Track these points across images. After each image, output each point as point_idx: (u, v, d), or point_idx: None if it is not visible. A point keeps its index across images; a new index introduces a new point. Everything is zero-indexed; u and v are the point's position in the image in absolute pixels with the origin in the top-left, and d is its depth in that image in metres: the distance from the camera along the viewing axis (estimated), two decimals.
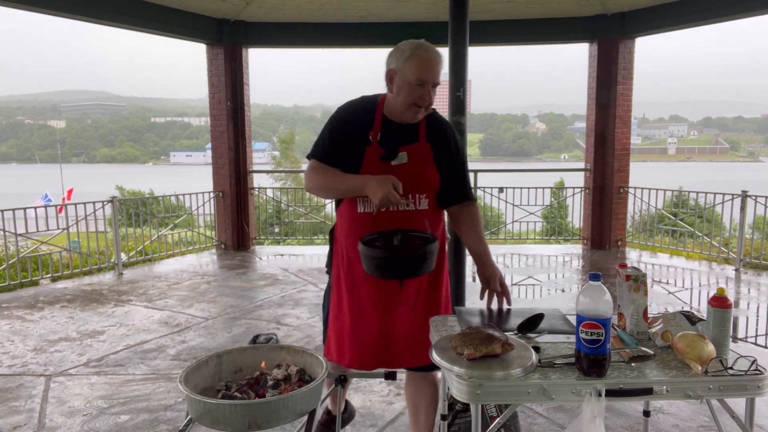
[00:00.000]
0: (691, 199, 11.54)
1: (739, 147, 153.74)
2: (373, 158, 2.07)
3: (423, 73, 1.99)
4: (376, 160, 2.07)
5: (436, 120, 2.19)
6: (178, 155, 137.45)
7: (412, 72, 1.99)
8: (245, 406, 1.39)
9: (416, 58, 2.00)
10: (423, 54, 2.00)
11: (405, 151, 2.09)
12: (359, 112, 2.14)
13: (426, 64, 1.99)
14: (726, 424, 1.89)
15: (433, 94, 2.07)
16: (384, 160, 2.07)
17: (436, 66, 2.02)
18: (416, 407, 2.35)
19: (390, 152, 2.08)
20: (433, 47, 2.05)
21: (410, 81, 2.00)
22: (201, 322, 4.74)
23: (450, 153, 2.19)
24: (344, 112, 2.17)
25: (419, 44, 2.04)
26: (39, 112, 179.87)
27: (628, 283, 1.76)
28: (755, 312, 5.07)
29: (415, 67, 1.99)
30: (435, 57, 2.02)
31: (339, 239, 2.21)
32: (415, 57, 2.00)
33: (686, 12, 6.86)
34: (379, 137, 2.08)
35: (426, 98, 2.03)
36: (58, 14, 6.11)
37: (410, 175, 2.07)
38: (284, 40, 8.07)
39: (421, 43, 2.04)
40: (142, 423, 3.00)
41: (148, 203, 8.17)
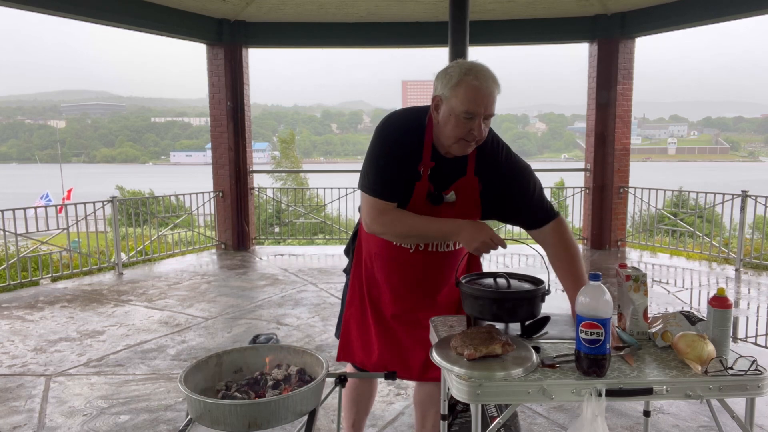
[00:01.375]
0: (691, 199, 11.54)
1: (739, 147, 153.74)
2: (420, 196, 1.85)
3: (472, 104, 1.71)
4: (423, 198, 1.85)
5: (489, 146, 1.91)
6: (178, 155, 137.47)
7: (460, 102, 1.72)
8: (245, 406, 1.39)
9: (464, 87, 1.72)
10: (473, 82, 1.71)
11: (453, 191, 1.87)
12: (408, 136, 1.85)
13: (476, 93, 1.71)
14: (726, 424, 1.89)
15: (485, 128, 1.78)
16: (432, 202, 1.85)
17: (489, 96, 1.73)
18: (424, 413, 2.32)
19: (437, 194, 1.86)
20: (487, 71, 1.75)
21: (457, 113, 1.73)
22: (201, 322, 4.74)
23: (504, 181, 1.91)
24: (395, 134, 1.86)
25: (470, 68, 1.74)
26: (39, 112, 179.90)
27: (628, 283, 1.76)
28: (755, 312, 5.07)
29: (463, 96, 1.72)
30: (488, 86, 1.73)
31: (365, 254, 2.07)
32: (463, 85, 1.72)
33: (686, 12, 6.86)
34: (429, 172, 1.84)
35: (476, 133, 1.76)
36: (58, 14, 6.11)
37: (457, 214, 1.89)
38: (284, 40, 8.07)
39: (473, 67, 1.75)
40: (142, 423, 3.00)
41: (148, 203, 8.17)
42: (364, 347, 2.12)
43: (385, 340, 2.08)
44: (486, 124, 1.79)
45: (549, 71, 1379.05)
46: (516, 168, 1.94)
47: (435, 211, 1.88)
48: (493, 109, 1.76)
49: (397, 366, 2.04)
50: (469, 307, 1.81)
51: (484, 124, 1.76)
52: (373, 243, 2.02)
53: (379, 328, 2.08)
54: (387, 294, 2.04)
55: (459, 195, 1.89)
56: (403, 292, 2.02)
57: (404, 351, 2.06)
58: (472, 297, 1.79)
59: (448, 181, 1.88)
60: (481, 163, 1.90)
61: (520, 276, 1.87)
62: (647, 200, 7.84)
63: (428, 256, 1.95)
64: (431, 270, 1.99)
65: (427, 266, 1.96)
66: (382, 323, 2.07)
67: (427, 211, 1.86)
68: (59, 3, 5.96)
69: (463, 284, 1.82)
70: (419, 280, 2.01)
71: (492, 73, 1.76)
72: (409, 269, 1.97)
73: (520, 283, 1.83)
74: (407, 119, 1.89)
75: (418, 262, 1.95)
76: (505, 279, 1.81)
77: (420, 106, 1.91)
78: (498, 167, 1.90)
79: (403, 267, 1.97)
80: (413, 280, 2.00)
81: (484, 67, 1.77)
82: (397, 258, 1.97)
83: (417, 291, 2.03)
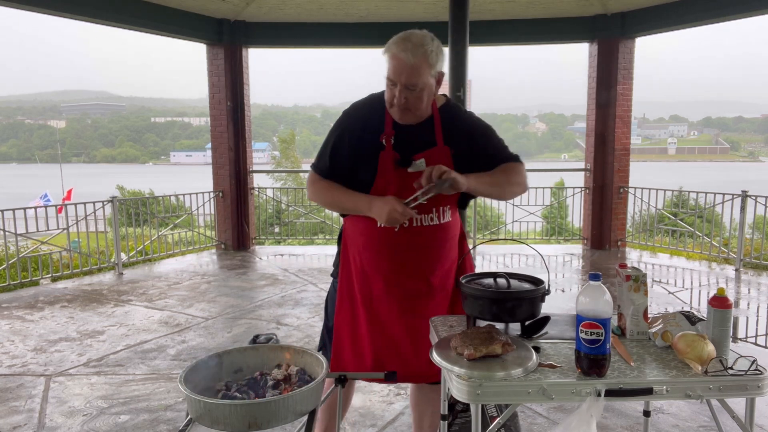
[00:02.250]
0: (691, 199, 11.54)
1: (739, 147, 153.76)
2: (388, 164, 1.91)
3: (393, 73, 1.81)
4: (392, 166, 1.91)
5: (451, 113, 1.99)
6: (178, 155, 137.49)
7: (387, 69, 1.83)
8: (245, 406, 1.39)
9: (389, 55, 1.82)
10: (395, 51, 1.80)
11: (423, 158, 1.91)
12: (367, 114, 1.96)
13: (397, 63, 1.80)
14: (726, 424, 1.89)
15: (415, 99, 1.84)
16: (400, 166, 1.91)
17: (410, 68, 1.78)
18: (421, 414, 2.32)
19: (406, 158, 1.91)
20: (417, 42, 1.80)
21: (386, 78, 1.84)
22: (201, 322, 4.74)
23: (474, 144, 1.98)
24: (351, 115, 1.99)
25: (401, 38, 1.82)
26: (39, 112, 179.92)
27: (628, 283, 1.75)
28: (755, 312, 5.07)
29: (388, 64, 1.82)
30: (408, 57, 1.78)
31: (351, 251, 2.07)
32: (389, 52, 1.82)
33: (686, 12, 6.86)
34: (393, 141, 1.91)
35: (396, 101, 1.84)
36: (58, 14, 6.11)
37: None
38: (284, 40, 8.07)
39: (405, 37, 1.82)
40: (142, 423, 3.00)
41: (148, 203, 8.17)
42: (356, 355, 2.07)
43: (381, 343, 2.04)
44: (415, 95, 1.82)
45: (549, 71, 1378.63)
46: (480, 126, 2.02)
47: (409, 180, 1.89)
48: (415, 80, 1.79)
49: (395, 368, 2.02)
50: (469, 307, 1.81)
51: (409, 94, 1.81)
52: (359, 233, 2.01)
53: (373, 331, 2.04)
54: (379, 284, 2.00)
55: (431, 164, 1.90)
56: (394, 277, 1.99)
57: (403, 352, 2.04)
58: (472, 297, 1.78)
59: (415, 149, 1.93)
60: (448, 132, 1.96)
61: (520, 276, 1.87)
62: (647, 200, 7.85)
63: (413, 233, 1.95)
64: (419, 248, 1.97)
65: (414, 244, 1.95)
66: (377, 324, 2.04)
67: (399, 180, 1.91)
68: (59, 3, 5.96)
69: (463, 284, 1.82)
70: (409, 260, 1.99)
71: (422, 44, 1.79)
72: (396, 250, 1.96)
73: (520, 283, 1.83)
74: (366, 99, 2.01)
75: (404, 242, 1.95)
76: (505, 279, 1.81)
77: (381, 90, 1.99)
78: (464, 131, 1.98)
79: (391, 249, 1.96)
80: (403, 260, 1.98)
81: (416, 38, 1.80)
82: (383, 241, 1.96)
83: (409, 273, 2.00)
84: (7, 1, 5.53)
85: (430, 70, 1.82)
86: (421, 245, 1.98)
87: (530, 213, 8.34)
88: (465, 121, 2.01)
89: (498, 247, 8.06)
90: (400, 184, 1.92)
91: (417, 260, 2.00)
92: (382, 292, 2.01)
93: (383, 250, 1.96)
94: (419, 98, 1.85)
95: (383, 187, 1.93)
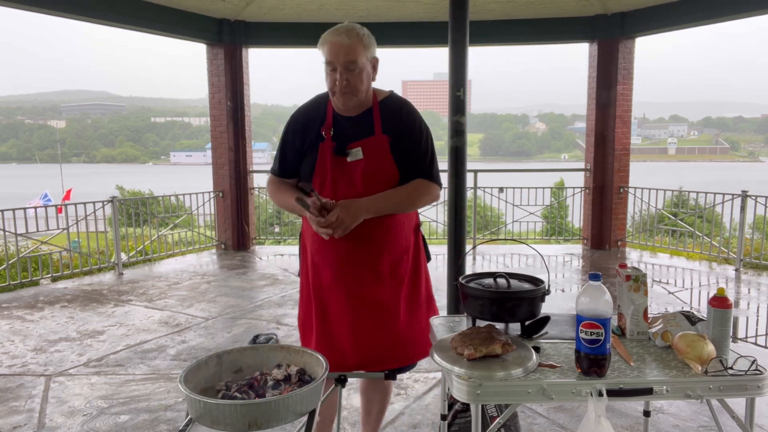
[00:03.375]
0: (691, 199, 11.54)
1: (739, 147, 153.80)
2: (326, 154, 2.01)
3: (330, 55, 1.91)
4: (330, 156, 2.00)
5: (391, 105, 2.07)
6: (178, 155, 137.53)
7: (324, 57, 1.94)
8: (245, 406, 1.39)
9: (324, 42, 1.94)
10: (329, 38, 1.92)
11: (359, 147, 2.00)
12: (311, 110, 2.08)
13: (332, 46, 1.91)
14: (726, 424, 1.89)
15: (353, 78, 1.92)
16: (337, 153, 2.00)
17: (344, 46, 1.90)
18: (369, 401, 2.39)
19: (341, 147, 2.01)
20: (346, 27, 1.94)
21: (325, 67, 1.94)
22: (201, 322, 4.74)
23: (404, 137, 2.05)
24: (297, 113, 2.12)
25: (334, 28, 1.95)
26: (39, 112, 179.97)
27: (628, 283, 1.76)
28: (755, 312, 5.07)
29: (324, 51, 1.93)
30: (341, 38, 1.90)
31: (306, 243, 2.16)
32: (324, 42, 1.94)
33: (686, 12, 6.86)
34: (332, 132, 2.02)
35: (338, 83, 1.92)
36: (58, 14, 6.11)
37: (369, 172, 1.99)
38: (284, 40, 8.07)
39: (335, 27, 1.95)
40: (142, 423, 3.00)
41: (148, 203, 8.17)
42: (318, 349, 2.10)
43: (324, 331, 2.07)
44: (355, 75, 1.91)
45: (549, 71, 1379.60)
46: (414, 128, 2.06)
47: (345, 167, 1.99)
48: (353, 57, 1.89)
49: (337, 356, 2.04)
50: (469, 307, 1.81)
51: (349, 75, 1.90)
52: (307, 227, 2.10)
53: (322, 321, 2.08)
54: (328, 273, 2.06)
55: (367, 152, 2.00)
56: (341, 266, 2.04)
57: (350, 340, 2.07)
58: (472, 297, 1.79)
59: (354, 139, 2.01)
60: (386, 121, 2.03)
61: (520, 276, 1.87)
62: (647, 200, 7.85)
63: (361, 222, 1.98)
64: (364, 237, 2.02)
65: (358, 233, 1.98)
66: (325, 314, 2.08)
67: (337, 167, 1.99)
68: (59, 3, 5.96)
69: (463, 284, 1.82)
70: (354, 249, 2.03)
71: (354, 28, 1.92)
72: (341, 240, 1.99)
73: (520, 283, 1.84)
74: (312, 98, 2.11)
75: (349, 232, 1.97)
76: (505, 279, 1.81)
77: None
78: (400, 123, 2.04)
79: (337, 240, 1.99)
80: (347, 250, 2.03)
81: (347, 25, 1.94)
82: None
83: (354, 262, 2.05)
84: (7, 1, 5.53)
85: (365, 52, 1.93)
86: (366, 234, 2.01)
87: (530, 213, 8.33)
88: (403, 117, 2.06)
89: (498, 247, 8.06)
90: (336, 173, 2.00)
91: (363, 249, 2.04)
92: (330, 282, 2.06)
93: (330, 241, 2.00)
94: (359, 79, 1.93)
95: (321, 176, 2.02)
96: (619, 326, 1.83)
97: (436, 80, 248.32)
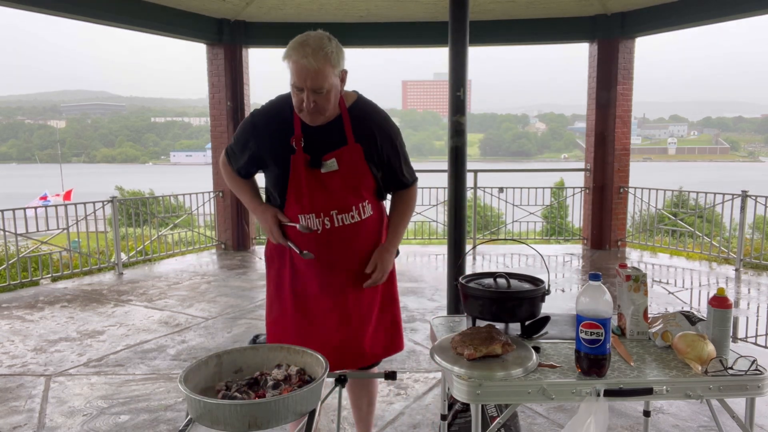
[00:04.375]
0: (691, 199, 11.54)
1: (739, 147, 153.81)
2: (300, 167, 1.93)
3: (297, 79, 1.80)
4: (304, 168, 1.93)
5: (360, 112, 2.00)
6: (178, 155, 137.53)
7: (290, 75, 1.81)
8: (245, 406, 1.39)
9: (290, 61, 1.80)
10: (295, 58, 1.78)
11: (334, 158, 1.93)
12: (273, 117, 1.96)
13: (300, 69, 1.78)
14: (726, 424, 1.89)
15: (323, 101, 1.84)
16: (312, 166, 1.93)
17: (313, 72, 1.77)
18: (357, 396, 2.41)
19: (316, 159, 1.93)
20: (315, 45, 1.78)
21: (291, 85, 1.84)
22: (201, 322, 4.74)
23: (378, 146, 2.00)
24: (258, 119, 1.99)
25: (299, 43, 1.80)
26: (39, 112, 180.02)
27: (628, 283, 1.76)
28: (755, 312, 5.07)
29: (291, 70, 1.81)
30: (309, 62, 1.76)
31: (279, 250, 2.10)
32: (289, 60, 1.80)
33: (686, 12, 6.86)
34: (303, 143, 1.93)
35: (304, 106, 1.83)
36: (58, 14, 6.11)
37: (346, 182, 1.96)
38: (284, 40, 7.90)
39: (302, 42, 1.80)
40: (142, 423, 3.00)
41: (148, 203, 8.17)
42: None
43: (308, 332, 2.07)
44: (323, 97, 1.82)
45: (549, 71, 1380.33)
46: (387, 131, 2.02)
47: (321, 179, 1.94)
48: (320, 83, 1.79)
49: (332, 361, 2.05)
50: (469, 307, 1.81)
51: (317, 96, 1.81)
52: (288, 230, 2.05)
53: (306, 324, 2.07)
54: (313, 281, 2.05)
55: (342, 163, 1.95)
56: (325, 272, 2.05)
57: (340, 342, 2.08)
58: (472, 297, 1.79)
59: (327, 149, 1.95)
60: (357, 128, 1.97)
61: (520, 276, 1.87)
62: (647, 200, 7.85)
63: (336, 231, 1.99)
64: (343, 242, 2.02)
65: (340, 240, 2.00)
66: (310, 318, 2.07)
67: (312, 180, 1.94)
68: (59, 3, 5.96)
69: (463, 284, 1.82)
70: (335, 257, 2.04)
71: (321, 47, 1.78)
72: (324, 248, 2.00)
73: (520, 283, 1.84)
74: (275, 102, 2.00)
75: (328, 241, 2.00)
76: (505, 279, 1.81)
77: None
78: (372, 130, 1.98)
79: (319, 247, 2.00)
80: (330, 257, 2.03)
81: (314, 41, 1.79)
82: (310, 242, 2.00)
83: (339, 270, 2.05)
84: (7, 1, 5.53)
85: (333, 71, 1.82)
86: (345, 241, 2.02)
87: (530, 213, 8.33)
88: (374, 121, 2.01)
89: (498, 247, 8.06)
90: (312, 185, 1.95)
91: (343, 256, 2.05)
92: (316, 288, 2.06)
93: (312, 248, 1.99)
94: (327, 99, 1.85)
95: (296, 189, 1.97)
96: (619, 326, 1.83)
97: (436, 80, 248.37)
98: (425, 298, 5.41)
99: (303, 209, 1.97)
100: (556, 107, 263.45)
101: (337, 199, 1.96)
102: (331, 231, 1.98)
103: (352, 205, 1.99)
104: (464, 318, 2.01)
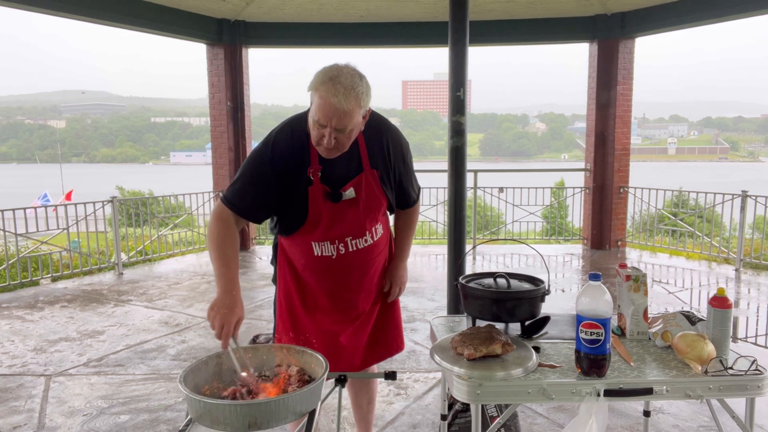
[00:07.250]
0: (691, 199, 11.54)
1: (739, 147, 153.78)
2: (318, 199, 1.88)
3: (322, 116, 1.70)
4: (322, 200, 1.88)
5: (374, 135, 1.93)
6: (178, 155, 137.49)
7: (314, 110, 1.72)
8: (245, 406, 1.39)
9: (319, 96, 1.70)
10: (326, 96, 1.68)
11: (352, 187, 1.90)
12: (291, 148, 1.86)
13: (327, 107, 1.68)
14: (726, 424, 1.89)
15: (345, 139, 1.76)
16: (332, 200, 1.88)
17: (341, 113, 1.68)
18: (357, 394, 2.44)
19: (335, 192, 1.88)
20: (347, 83, 1.68)
21: (313, 119, 1.74)
22: (201, 322, 4.74)
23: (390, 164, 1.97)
24: (277, 151, 1.86)
25: (330, 77, 1.69)
26: (39, 112, 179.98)
27: (628, 283, 1.76)
28: (755, 312, 5.07)
29: (316, 105, 1.71)
30: (339, 102, 1.67)
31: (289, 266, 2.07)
32: (318, 94, 1.70)
33: (686, 12, 6.86)
34: (320, 175, 1.86)
35: (325, 143, 1.74)
36: (59, 14, 6.11)
37: (363, 209, 1.94)
38: (284, 40, 8.07)
39: (334, 77, 1.69)
40: (142, 423, 3.00)
41: (148, 203, 8.17)
42: None
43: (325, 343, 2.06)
44: (345, 135, 1.75)
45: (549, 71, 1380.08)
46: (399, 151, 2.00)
47: (340, 210, 1.90)
48: (346, 124, 1.71)
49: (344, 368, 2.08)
50: (469, 307, 1.81)
51: (339, 135, 1.73)
52: (300, 255, 2.02)
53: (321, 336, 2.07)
54: (324, 300, 2.06)
55: (360, 191, 1.91)
56: (338, 293, 2.05)
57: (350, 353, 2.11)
58: (472, 297, 1.79)
59: (345, 179, 1.90)
60: (372, 154, 1.93)
61: (520, 276, 1.87)
62: (647, 200, 7.85)
63: (350, 256, 1.99)
64: (357, 267, 2.04)
65: (353, 265, 2.02)
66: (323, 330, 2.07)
67: (331, 211, 1.89)
68: (59, 3, 5.95)
69: (463, 284, 1.82)
70: (349, 278, 2.05)
71: (353, 87, 1.69)
72: (338, 272, 2.01)
73: (520, 283, 1.84)
74: (289, 131, 1.88)
75: (343, 264, 2.00)
76: (505, 279, 1.81)
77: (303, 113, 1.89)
78: (384, 151, 1.96)
79: (333, 271, 2.01)
80: (344, 280, 2.04)
81: (346, 79, 1.69)
82: (324, 266, 1.99)
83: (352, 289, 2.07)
84: (7, 1, 5.53)
85: (360, 111, 1.75)
86: (357, 264, 2.03)
87: (530, 213, 8.33)
88: (388, 148, 1.97)
89: (498, 247, 8.06)
90: (331, 215, 1.92)
91: (357, 277, 2.05)
92: (327, 305, 2.06)
93: (326, 273, 2.00)
94: (348, 138, 1.78)
95: (316, 219, 1.92)
96: (619, 326, 1.83)
97: (436, 80, 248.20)
98: (425, 298, 5.41)
99: (317, 237, 1.94)
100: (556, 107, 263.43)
101: (353, 225, 1.96)
102: (345, 256, 1.98)
103: (366, 230, 1.99)
104: (464, 318, 2.02)
